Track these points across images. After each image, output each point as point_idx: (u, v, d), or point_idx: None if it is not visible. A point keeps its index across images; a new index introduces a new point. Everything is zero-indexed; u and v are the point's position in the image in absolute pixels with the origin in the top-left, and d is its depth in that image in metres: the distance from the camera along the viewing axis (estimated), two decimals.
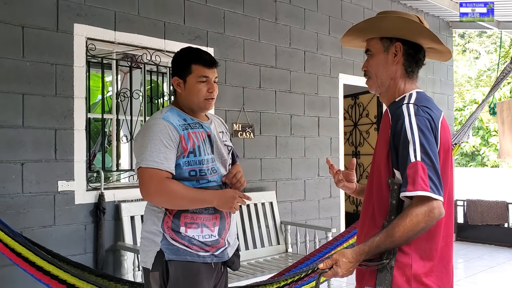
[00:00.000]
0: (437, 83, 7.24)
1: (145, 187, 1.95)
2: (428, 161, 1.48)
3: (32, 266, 2.47)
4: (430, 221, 1.47)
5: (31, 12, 3.39)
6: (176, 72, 2.13)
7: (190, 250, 1.98)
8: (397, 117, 1.58)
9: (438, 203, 1.47)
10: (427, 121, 1.54)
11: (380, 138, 1.65)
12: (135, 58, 4.12)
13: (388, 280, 1.53)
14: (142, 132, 2.05)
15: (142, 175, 1.95)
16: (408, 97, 1.64)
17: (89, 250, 3.59)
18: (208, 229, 2.03)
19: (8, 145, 3.26)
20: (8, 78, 3.27)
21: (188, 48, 2.18)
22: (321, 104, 5.46)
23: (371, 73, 1.75)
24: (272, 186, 4.94)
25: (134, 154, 2.08)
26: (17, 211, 3.28)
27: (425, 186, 1.46)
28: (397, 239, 1.48)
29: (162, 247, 1.97)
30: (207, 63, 2.10)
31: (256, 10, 4.83)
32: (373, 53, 1.74)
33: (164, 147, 1.96)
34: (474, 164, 29.49)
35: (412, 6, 6.68)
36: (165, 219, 2.00)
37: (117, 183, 4.09)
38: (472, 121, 5.15)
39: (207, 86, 2.09)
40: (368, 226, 1.66)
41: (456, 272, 5.76)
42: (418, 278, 1.53)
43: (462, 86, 29.04)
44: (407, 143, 1.51)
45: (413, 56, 1.71)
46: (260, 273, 4.00)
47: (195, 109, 2.13)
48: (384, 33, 1.71)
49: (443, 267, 1.60)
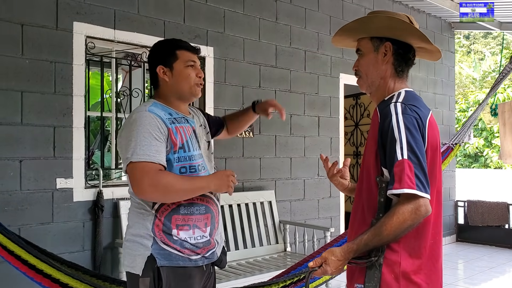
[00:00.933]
0: (439, 84, 7.22)
1: (137, 182, 1.81)
2: (414, 160, 1.49)
3: (24, 265, 2.41)
4: (417, 219, 1.48)
5: (30, 10, 3.40)
6: (158, 62, 2.03)
7: (181, 255, 1.91)
8: (384, 116, 1.59)
9: (424, 200, 1.48)
10: (414, 119, 1.55)
11: (370, 137, 1.67)
12: (135, 56, 4.13)
13: (377, 277, 1.54)
14: (127, 126, 1.92)
15: (134, 170, 1.82)
16: (397, 96, 1.66)
17: (87, 248, 3.61)
18: (199, 230, 1.96)
19: (7, 142, 3.28)
20: (7, 76, 3.29)
21: (166, 39, 2.15)
22: (321, 104, 5.47)
23: (361, 72, 1.77)
24: (271, 186, 4.94)
25: (120, 150, 1.94)
26: (15, 208, 3.30)
27: (411, 184, 1.46)
28: (385, 237, 1.49)
29: (153, 252, 1.87)
30: (191, 48, 2.06)
31: (256, 9, 4.84)
32: (364, 53, 1.76)
33: (155, 140, 1.85)
34: (477, 166, 29.39)
35: (414, 7, 6.68)
36: (156, 222, 1.90)
37: (116, 181, 4.11)
38: (472, 121, 5.13)
39: (195, 71, 2.04)
40: (358, 223, 1.67)
41: (455, 272, 5.76)
42: (407, 276, 1.54)
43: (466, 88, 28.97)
44: (394, 142, 1.52)
45: (403, 55, 1.72)
46: (258, 272, 4.01)
47: (185, 97, 2.05)
48: (374, 32, 1.72)
49: (432, 265, 1.60)
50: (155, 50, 2.09)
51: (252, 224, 4.63)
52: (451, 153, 5.29)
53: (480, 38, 32.20)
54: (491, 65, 28.89)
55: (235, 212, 4.51)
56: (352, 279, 1.64)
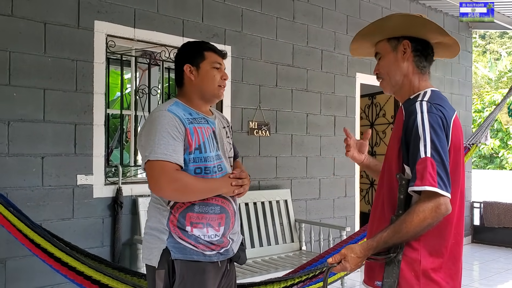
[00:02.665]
0: (455, 84, 7.17)
1: (155, 180, 1.88)
2: (437, 158, 1.50)
3: (50, 257, 2.51)
4: (437, 217, 1.49)
5: (53, 9, 3.46)
6: (186, 60, 2.07)
7: (196, 250, 1.95)
8: (410, 114, 1.60)
9: (445, 199, 1.49)
10: (439, 118, 1.56)
11: (394, 134, 1.68)
12: (154, 55, 4.17)
13: (395, 273, 1.55)
14: (147, 124, 1.98)
15: (152, 168, 1.89)
16: (423, 95, 1.66)
17: (106, 243, 3.66)
18: (213, 228, 1.99)
19: (29, 139, 3.34)
20: (30, 73, 3.35)
21: (195, 40, 2.21)
22: (337, 103, 5.47)
23: (383, 74, 1.77)
24: (287, 184, 4.96)
25: (140, 148, 2.01)
26: (37, 203, 3.36)
27: (433, 181, 1.47)
28: (404, 235, 1.50)
29: (168, 245, 1.93)
30: (218, 51, 2.11)
31: (274, 8, 4.85)
32: (383, 55, 1.77)
33: (172, 139, 1.90)
34: (492, 167, 29.05)
35: (431, 6, 6.63)
36: (170, 218, 1.95)
37: (135, 178, 4.15)
38: (490, 122, 5.11)
39: (220, 74, 2.08)
40: (378, 220, 1.69)
41: (471, 274, 5.72)
42: (427, 274, 1.55)
43: (481, 88, 28.65)
44: (418, 139, 1.53)
45: (422, 51, 1.73)
46: (274, 270, 4.03)
47: (207, 97, 2.09)
48: (390, 33, 1.73)
49: (452, 265, 1.61)
50: (184, 49, 2.13)
51: (268, 223, 4.65)
52: (468, 153, 5.28)
53: (496, 38, 31.80)
54: (507, 65, 28.53)
55: (251, 211, 4.54)
56: (372, 277, 1.65)
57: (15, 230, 2.52)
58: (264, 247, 4.57)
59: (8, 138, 3.26)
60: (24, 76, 3.33)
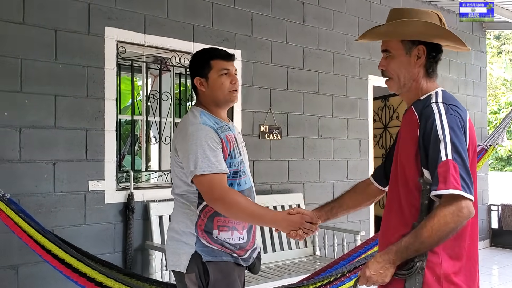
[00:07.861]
0: (470, 85, 7.07)
1: (207, 194, 1.96)
2: (459, 160, 1.46)
3: (61, 263, 2.52)
4: (460, 221, 1.44)
5: (63, 16, 3.48)
6: (196, 73, 2.14)
7: (224, 252, 2.01)
8: (426, 116, 1.56)
9: (467, 202, 1.44)
10: (457, 119, 1.53)
11: (406, 137, 1.63)
12: (165, 61, 4.18)
13: (419, 282, 1.50)
14: (184, 138, 2.02)
15: (201, 183, 1.96)
16: (435, 96, 1.63)
17: (118, 249, 3.65)
18: (237, 231, 2.06)
19: (41, 145, 3.35)
20: (41, 80, 3.37)
21: (202, 49, 2.23)
22: (349, 106, 5.42)
23: (392, 74, 1.74)
24: (300, 188, 4.91)
25: (182, 161, 2.03)
26: (48, 209, 3.36)
27: (457, 184, 1.43)
28: (426, 240, 1.46)
29: (197, 249, 1.98)
30: (224, 56, 2.15)
31: (284, 12, 4.83)
32: (394, 55, 1.72)
33: (213, 151, 1.97)
34: (509, 169, 28.60)
35: (444, 7, 6.56)
36: (199, 222, 2.01)
37: (146, 183, 4.15)
38: (507, 123, 5.02)
39: (229, 79, 2.12)
40: (394, 228, 1.63)
41: (490, 278, 5.61)
42: (449, 278, 1.52)
43: (497, 89, 28.27)
44: (438, 142, 1.49)
45: (435, 57, 1.70)
46: (287, 276, 3.99)
47: (221, 105, 2.14)
48: (407, 37, 1.68)
49: (471, 266, 1.58)
50: (192, 62, 2.20)
51: None
52: (485, 155, 5.19)
53: (511, 39, 31.40)
54: None
55: None
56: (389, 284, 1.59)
57: (26, 236, 2.53)
58: (277, 252, 4.52)
59: (20, 144, 3.27)
60: (35, 83, 3.35)
